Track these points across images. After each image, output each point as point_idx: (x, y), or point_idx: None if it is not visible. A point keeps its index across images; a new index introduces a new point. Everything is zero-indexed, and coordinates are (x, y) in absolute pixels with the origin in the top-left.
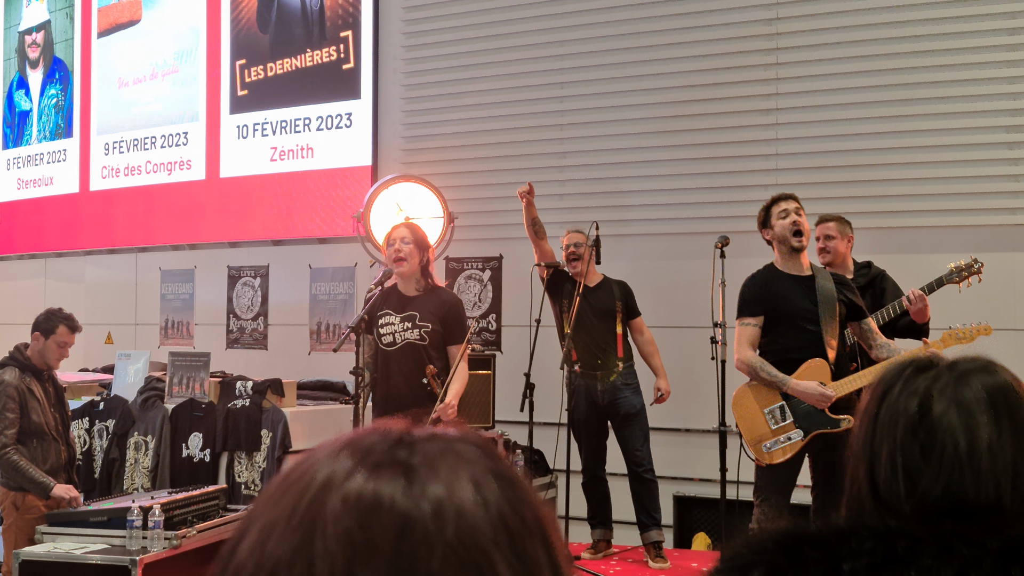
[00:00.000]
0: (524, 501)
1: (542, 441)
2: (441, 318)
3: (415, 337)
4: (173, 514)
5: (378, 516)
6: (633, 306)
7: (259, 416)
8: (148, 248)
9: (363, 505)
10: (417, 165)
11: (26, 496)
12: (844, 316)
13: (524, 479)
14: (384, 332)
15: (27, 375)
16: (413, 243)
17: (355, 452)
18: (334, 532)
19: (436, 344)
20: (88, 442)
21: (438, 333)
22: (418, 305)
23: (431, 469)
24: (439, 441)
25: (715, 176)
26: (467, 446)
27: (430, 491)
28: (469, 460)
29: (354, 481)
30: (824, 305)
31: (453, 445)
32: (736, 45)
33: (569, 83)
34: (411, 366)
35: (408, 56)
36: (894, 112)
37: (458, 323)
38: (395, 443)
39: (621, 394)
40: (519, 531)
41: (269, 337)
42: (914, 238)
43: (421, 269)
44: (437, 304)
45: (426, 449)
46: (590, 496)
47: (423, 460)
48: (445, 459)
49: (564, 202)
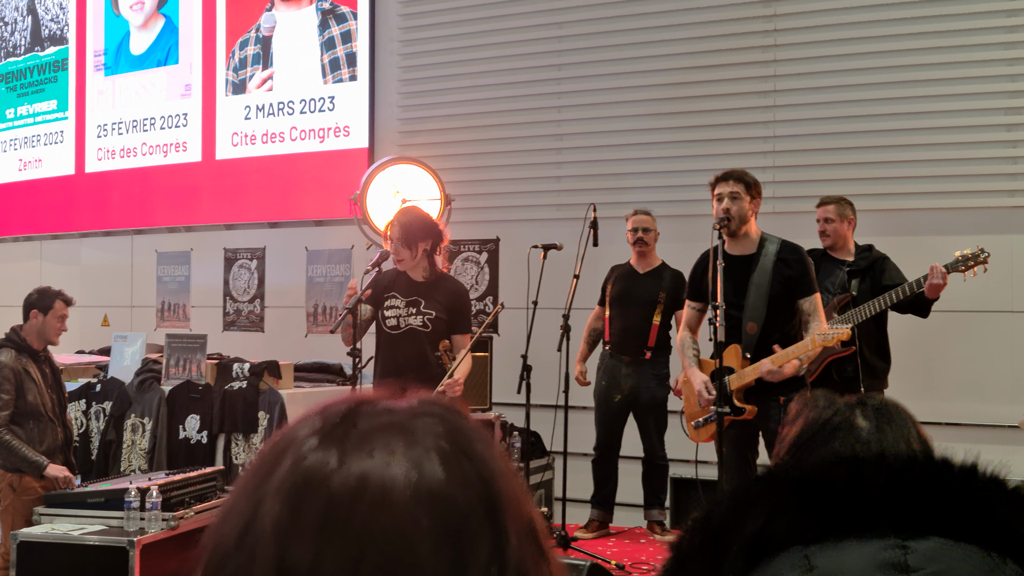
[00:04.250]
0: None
1: (539, 423)
2: (447, 307)
3: (418, 323)
4: (171, 495)
5: (308, 494)
6: (682, 298)
7: (256, 398)
8: (144, 230)
9: (297, 482)
10: (414, 147)
11: (23, 477)
12: (782, 297)
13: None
14: (389, 315)
15: (23, 356)
16: (399, 240)
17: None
18: (269, 510)
19: (439, 332)
20: (85, 424)
21: (442, 321)
22: (424, 292)
23: (364, 443)
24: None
25: (712, 158)
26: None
27: (355, 467)
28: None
29: (296, 457)
30: (755, 286)
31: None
32: (733, 27)
33: (566, 65)
34: (412, 351)
35: (405, 38)
36: (892, 94)
37: (463, 313)
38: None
39: (646, 383)
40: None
41: (266, 319)
42: (912, 220)
43: (427, 257)
44: (443, 293)
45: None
46: (596, 474)
47: (360, 434)
48: (384, 433)
49: (561, 184)
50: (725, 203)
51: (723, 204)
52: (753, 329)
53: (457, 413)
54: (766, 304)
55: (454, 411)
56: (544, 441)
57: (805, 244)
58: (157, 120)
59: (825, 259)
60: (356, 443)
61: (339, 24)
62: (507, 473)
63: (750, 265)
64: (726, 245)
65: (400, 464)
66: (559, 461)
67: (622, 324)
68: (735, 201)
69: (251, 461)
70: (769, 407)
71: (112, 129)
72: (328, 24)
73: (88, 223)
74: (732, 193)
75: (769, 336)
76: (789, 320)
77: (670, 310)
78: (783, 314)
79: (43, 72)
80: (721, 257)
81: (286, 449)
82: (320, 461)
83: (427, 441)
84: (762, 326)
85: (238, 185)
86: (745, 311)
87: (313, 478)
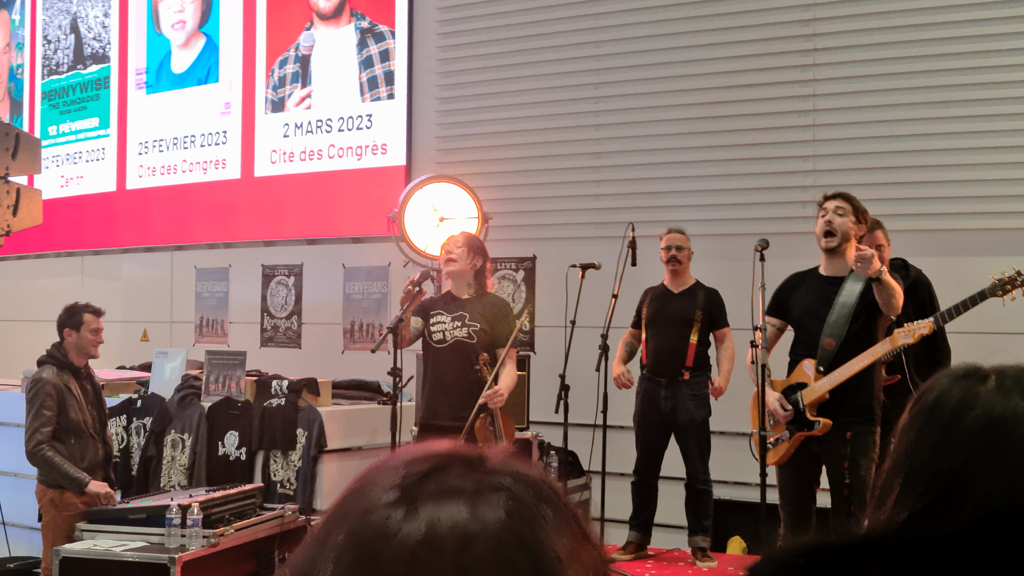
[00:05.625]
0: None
1: (577, 443)
2: (490, 320)
3: (464, 335)
4: (211, 512)
5: (372, 547)
6: (718, 316)
7: (295, 415)
8: (184, 246)
9: (360, 536)
10: (451, 165)
11: (64, 493)
12: (867, 315)
13: (552, 546)
14: (435, 330)
15: (65, 373)
16: (465, 246)
17: (390, 476)
18: (337, 558)
19: (484, 344)
20: (126, 440)
21: (486, 334)
22: (468, 307)
23: (432, 507)
24: (464, 479)
25: (752, 177)
26: (494, 496)
27: (414, 530)
28: (479, 510)
29: (368, 508)
30: (840, 306)
31: (472, 489)
32: (772, 46)
33: (604, 83)
34: (459, 363)
35: (442, 56)
36: (934, 113)
37: (507, 324)
38: (424, 475)
39: (684, 404)
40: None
41: (303, 336)
42: (955, 240)
43: (475, 274)
44: (486, 306)
45: (444, 485)
46: (635, 497)
47: (431, 494)
48: (453, 501)
49: (599, 202)
50: (829, 215)
51: (827, 217)
52: (831, 345)
53: (533, 485)
54: (848, 322)
55: (531, 483)
56: (581, 461)
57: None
58: (197, 138)
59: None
60: (428, 502)
61: (377, 43)
62: (571, 560)
63: (839, 285)
64: (821, 267)
65: (453, 538)
66: (596, 481)
67: (658, 345)
68: (840, 216)
69: (332, 503)
70: (836, 443)
71: (152, 146)
72: (366, 43)
73: (129, 239)
74: (838, 208)
75: (846, 354)
76: (869, 343)
77: (707, 329)
78: (865, 335)
79: (85, 90)
80: (813, 276)
81: (362, 497)
82: (389, 517)
83: (489, 517)
84: (840, 343)
85: (276, 202)
86: (825, 327)
87: (380, 533)
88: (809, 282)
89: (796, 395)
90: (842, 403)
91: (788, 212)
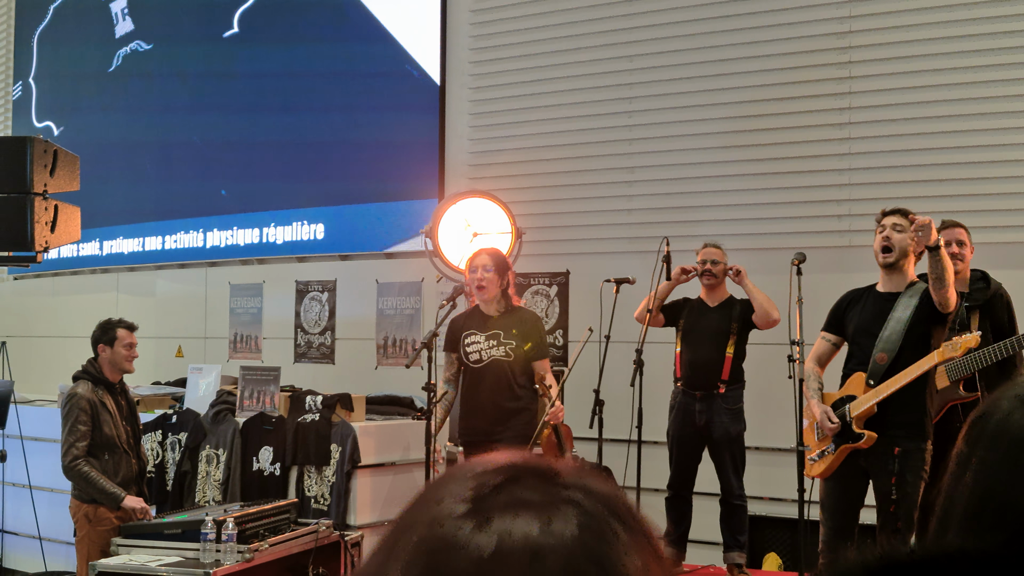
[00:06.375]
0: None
1: (611, 458)
2: (523, 335)
3: (501, 354)
4: (246, 527)
5: (441, 558)
6: (748, 319)
7: (328, 431)
8: (217, 262)
9: (431, 546)
10: (484, 180)
11: (98, 508)
12: (921, 332)
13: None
14: (471, 351)
15: (99, 388)
16: (494, 270)
17: (461, 488)
18: (403, 569)
19: (520, 360)
20: (161, 455)
21: (521, 350)
22: (501, 324)
23: (503, 519)
24: (536, 492)
25: (787, 191)
26: (566, 509)
27: (485, 542)
28: (552, 523)
29: (435, 519)
30: (895, 321)
31: (545, 502)
32: (807, 58)
33: (637, 97)
34: (495, 381)
35: (475, 72)
36: (974, 125)
37: (540, 338)
38: (496, 488)
39: (719, 418)
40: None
41: (336, 351)
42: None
43: (502, 292)
44: (518, 322)
45: (515, 496)
46: (670, 513)
47: (503, 506)
48: (525, 513)
49: (632, 217)
50: (887, 231)
51: (885, 232)
52: (883, 360)
53: (605, 501)
54: (902, 338)
55: (603, 498)
56: (616, 476)
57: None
58: None
59: None
60: (499, 514)
61: None
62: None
63: (894, 300)
64: (879, 284)
65: (524, 551)
66: (631, 497)
67: (693, 358)
68: (899, 232)
69: (399, 512)
70: (884, 458)
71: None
72: None
73: (163, 255)
74: (896, 225)
75: (898, 369)
76: (921, 357)
77: (743, 340)
78: (920, 348)
79: None
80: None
81: (432, 507)
82: (460, 528)
83: (561, 532)
84: (893, 358)
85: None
86: (879, 342)
87: (450, 544)
88: (866, 299)
89: (844, 408)
90: (891, 417)
91: (824, 226)
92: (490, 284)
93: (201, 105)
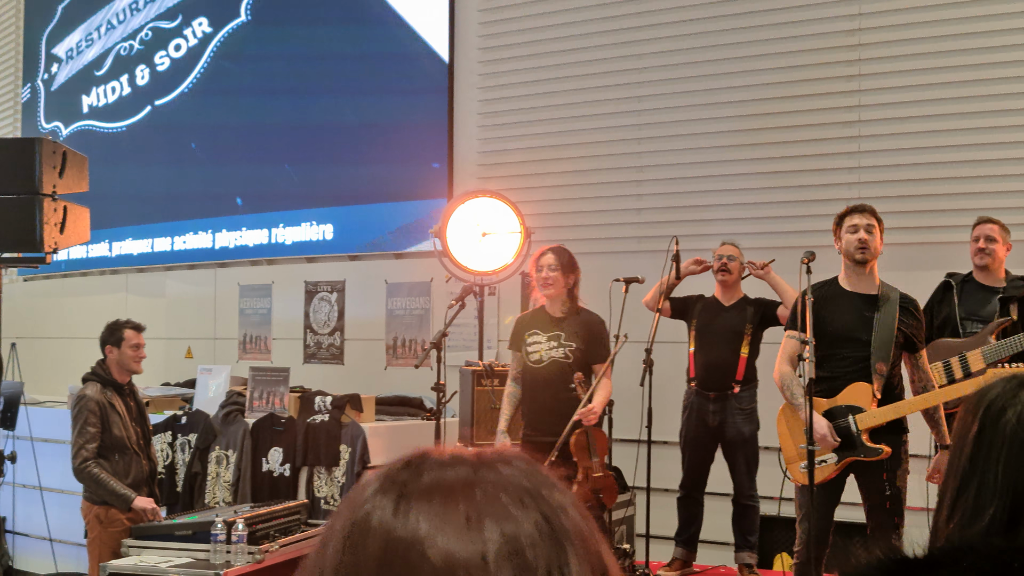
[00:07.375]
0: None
1: (621, 459)
2: (585, 338)
3: (560, 355)
4: (256, 528)
5: (364, 538)
6: (769, 315)
7: (338, 431)
8: (227, 263)
9: (356, 528)
10: (493, 180)
11: (109, 510)
12: (902, 344)
13: (556, 498)
14: (532, 350)
15: (108, 390)
16: (559, 269)
17: (376, 474)
18: (332, 552)
19: (580, 362)
20: (170, 456)
21: (581, 352)
22: (564, 326)
23: (425, 493)
24: (454, 466)
25: (796, 190)
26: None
27: (413, 514)
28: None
29: (359, 502)
30: (880, 329)
31: (467, 470)
32: (816, 56)
33: (646, 96)
34: (555, 382)
35: (484, 71)
36: (983, 124)
37: (601, 342)
38: (404, 466)
39: (733, 418)
40: (523, 551)
41: (345, 352)
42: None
43: (567, 292)
44: (581, 325)
45: (435, 474)
46: (681, 512)
47: (424, 484)
48: (447, 483)
49: (641, 216)
50: (861, 233)
51: (859, 235)
52: (883, 369)
53: (521, 461)
54: (892, 345)
55: (519, 458)
56: (626, 477)
57: (899, 277)
58: None
59: (969, 285)
60: (418, 492)
61: None
62: (574, 510)
63: (874, 304)
64: (847, 280)
65: (460, 510)
66: (641, 497)
67: (707, 358)
68: (871, 234)
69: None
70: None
71: None
72: None
73: (172, 256)
74: (868, 226)
75: (891, 378)
76: (897, 367)
77: (757, 340)
78: (898, 360)
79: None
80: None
81: (354, 495)
82: (379, 507)
83: (488, 488)
84: (889, 367)
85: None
86: (873, 349)
87: (372, 524)
88: (839, 298)
89: (847, 418)
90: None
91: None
92: (556, 282)
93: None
